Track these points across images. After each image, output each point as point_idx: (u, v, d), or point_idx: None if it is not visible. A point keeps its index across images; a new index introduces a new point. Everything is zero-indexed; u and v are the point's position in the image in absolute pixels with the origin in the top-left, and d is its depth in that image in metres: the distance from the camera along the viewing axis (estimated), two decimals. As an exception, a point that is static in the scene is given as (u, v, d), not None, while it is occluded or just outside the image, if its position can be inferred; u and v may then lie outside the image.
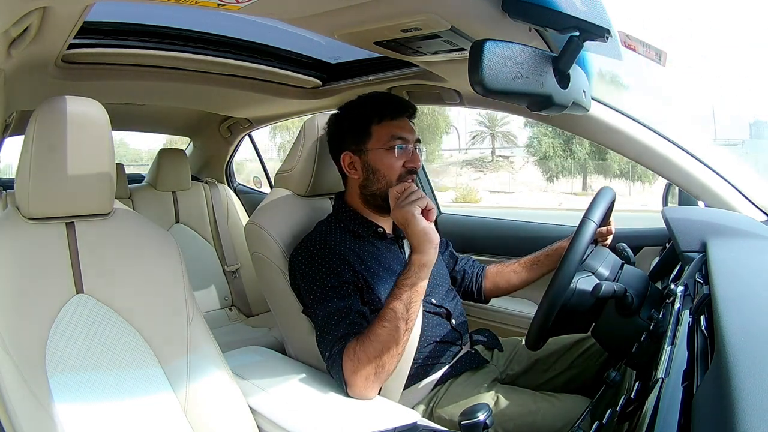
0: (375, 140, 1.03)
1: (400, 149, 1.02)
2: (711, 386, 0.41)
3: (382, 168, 1.03)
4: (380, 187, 1.03)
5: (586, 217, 0.88)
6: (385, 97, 1.10)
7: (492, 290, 1.24)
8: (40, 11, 0.76)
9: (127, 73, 1.30)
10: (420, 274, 0.88)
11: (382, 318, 0.87)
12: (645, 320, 0.80)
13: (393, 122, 1.03)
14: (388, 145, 1.02)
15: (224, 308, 2.06)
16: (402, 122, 1.04)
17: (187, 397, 0.85)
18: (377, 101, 1.07)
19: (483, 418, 0.65)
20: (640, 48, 1.00)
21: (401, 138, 1.03)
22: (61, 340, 0.79)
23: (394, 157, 1.02)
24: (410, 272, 0.88)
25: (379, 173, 1.03)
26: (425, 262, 0.88)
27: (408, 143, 1.03)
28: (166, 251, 0.93)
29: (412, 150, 1.04)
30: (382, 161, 1.03)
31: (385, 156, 1.02)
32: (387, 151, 1.02)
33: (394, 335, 0.86)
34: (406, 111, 1.06)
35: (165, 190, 2.06)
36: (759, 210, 1.05)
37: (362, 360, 0.86)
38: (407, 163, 1.03)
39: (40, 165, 0.80)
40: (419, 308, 0.90)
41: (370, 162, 1.03)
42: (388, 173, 1.03)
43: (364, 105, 1.07)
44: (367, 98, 1.09)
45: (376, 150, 1.03)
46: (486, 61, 0.63)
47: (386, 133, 1.03)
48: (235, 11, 0.79)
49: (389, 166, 1.02)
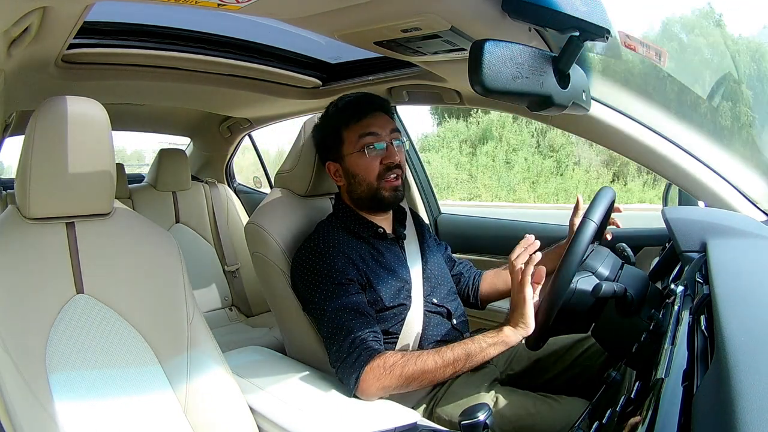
0: (347, 145, 1.03)
1: (370, 148, 1.01)
2: (711, 386, 0.41)
3: (360, 171, 1.03)
4: (363, 190, 1.04)
5: (586, 217, 0.88)
6: (350, 99, 1.07)
7: (489, 294, 1.24)
8: (40, 11, 0.76)
9: (127, 73, 1.30)
10: (497, 347, 0.88)
11: (440, 353, 0.88)
12: (645, 320, 0.80)
13: (361, 122, 1.03)
14: (359, 147, 1.02)
15: (224, 308, 2.06)
16: (370, 119, 1.03)
17: (187, 396, 0.85)
18: (342, 106, 1.06)
19: (483, 418, 0.65)
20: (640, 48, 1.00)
21: (370, 134, 1.02)
22: (62, 340, 0.79)
23: (366, 157, 1.02)
24: (494, 339, 0.88)
25: (359, 177, 1.03)
26: (511, 341, 0.88)
27: (380, 139, 1.02)
28: (166, 251, 0.93)
29: (388, 144, 1.03)
30: (358, 164, 1.03)
31: (359, 159, 1.03)
32: (360, 154, 1.02)
33: (439, 373, 0.88)
34: (371, 107, 1.05)
35: (165, 190, 2.06)
36: (759, 210, 1.05)
37: (394, 374, 0.88)
38: (384, 159, 1.02)
39: (40, 165, 0.80)
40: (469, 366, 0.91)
41: (349, 167, 1.04)
42: (366, 175, 1.03)
43: (333, 112, 1.07)
44: (334, 105, 1.08)
45: (351, 154, 1.03)
46: (486, 61, 0.63)
47: (355, 134, 1.03)
48: (235, 11, 0.79)
49: (365, 167, 1.02)
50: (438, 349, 0.89)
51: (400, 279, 1.03)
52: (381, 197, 1.04)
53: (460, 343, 0.89)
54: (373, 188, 1.03)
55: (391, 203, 1.06)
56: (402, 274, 1.04)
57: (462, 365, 0.89)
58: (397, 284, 1.02)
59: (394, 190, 1.04)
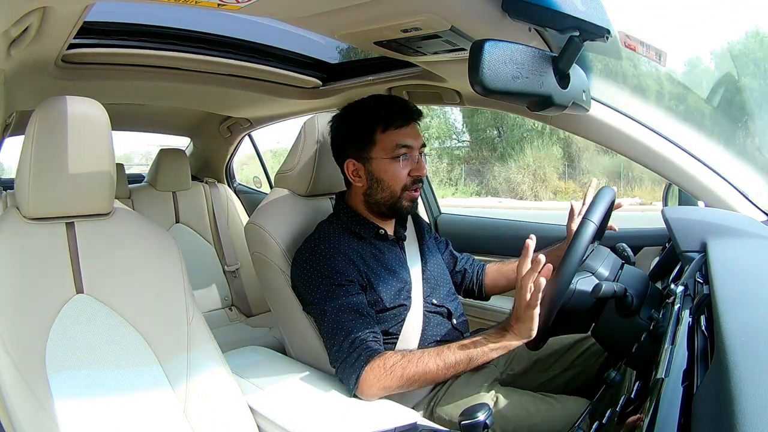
0: (379, 149, 1.01)
1: (405, 158, 1.00)
2: (711, 386, 0.41)
3: (387, 178, 1.01)
4: (384, 197, 1.03)
5: (586, 218, 0.88)
6: (391, 104, 1.05)
7: (492, 288, 1.24)
8: (40, 11, 0.76)
9: (127, 73, 1.30)
10: (499, 351, 0.88)
11: (441, 354, 0.88)
12: (645, 320, 0.80)
13: (400, 130, 1.01)
14: (393, 155, 1.00)
15: (224, 308, 2.06)
16: (407, 129, 1.02)
17: (186, 396, 0.85)
18: (383, 108, 1.03)
19: (483, 418, 0.65)
20: (640, 48, 1.00)
21: (406, 146, 1.00)
22: (61, 340, 0.79)
23: (399, 166, 1.01)
24: (496, 344, 0.88)
25: (384, 183, 1.02)
26: (513, 346, 0.88)
27: (413, 151, 1.01)
28: (166, 251, 0.93)
29: (417, 157, 1.02)
30: (386, 171, 1.01)
31: (389, 166, 1.01)
32: (392, 161, 1.00)
33: (440, 375, 0.88)
34: (411, 117, 1.03)
35: (165, 190, 2.06)
36: (759, 210, 1.05)
37: (394, 375, 0.88)
38: (412, 171, 1.02)
39: (40, 165, 0.80)
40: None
41: (374, 171, 1.02)
42: (392, 183, 1.01)
43: (368, 111, 1.03)
44: (372, 103, 1.05)
45: (381, 159, 1.01)
46: (486, 61, 0.63)
47: (391, 141, 1.00)
48: (235, 11, 0.79)
49: (394, 176, 1.01)
50: (439, 351, 0.89)
51: (400, 279, 1.03)
52: (400, 206, 1.03)
53: (462, 346, 0.89)
54: (395, 197, 1.02)
55: (407, 213, 1.06)
56: (402, 275, 1.05)
57: (463, 368, 0.89)
58: (398, 285, 1.02)
59: (412, 201, 1.04)
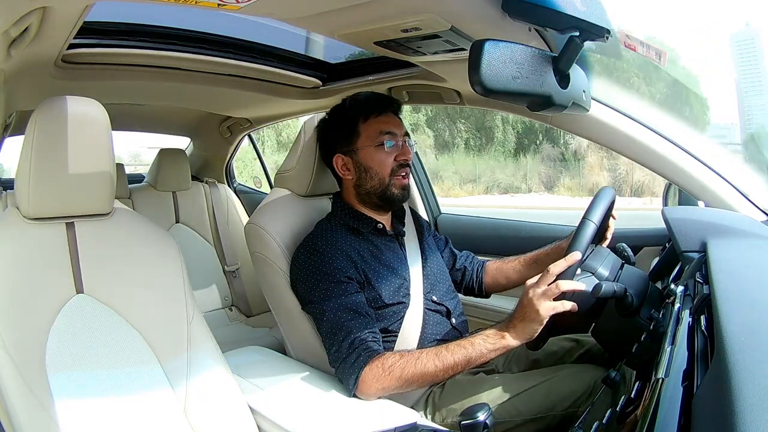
0: (364, 138, 1.05)
1: (389, 144, 1.04)
2: (711, 386, 0.41)
3: (374, 165, 1.05)
4: (374, 185, 1.05)
5: (586, 218, 0.88)
6: (369, 95, 1.11)
7: (492, 286, 1.24)
8: (40, 11, 0.76)
9: (127, 73, 1.30)
10: (498, 352, 0.87)
11: (440, 354, 0.88)
12: (645, 320, 0.80)
13: (379, 118, 1.05)
14: (377, 142, 1.04)
15: (224, 308, 2.06)
16: (388, 117, 1.06)
17: (187, 396, 0.85)
18: (361, 100, 1.09)
19: (483, 418, 0.65)
20: (640, 48, 1.00)
21: (389, 133, 1.05)
22: (61, 340, 0.79)
23: (384, 152, 1.04)
24: (495, 345, 0.87)
25: (372, 170, 1.05)
26: (512, 346, 0.87)
27: (397, 138, 1.05)
28: (166, 251, 0.93)
29: (402, 143, 1.06)
30: (372, 158, 1.04)
31: (375, 153, 1.04)
32: (377, 148, 1.04)
33: (439, 376, 0.88)
34: (390, 106, 1.08)
35: (165, 190, 2.06)
36: (759, 210, 1.05)
37: (393, 375, 0.87)
38: (398, 156, 1.05)
39: (40, 165, 0.80)
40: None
41: (362, 160, 1.05)
42: (380, 169, 1.04)
43: (349, 105, 1.09)
44: (351, 99, 1.11)
45: (366, 148, 1.05)
46: (486, 61, 0.63)
47: (374, 129, 1.05)
48: (235, 11, 0.79)
49: (380, 162, 1.04)
50: (438, 351, 0.89)
51: (399, 276, 1.04)
52: (391, 193, 1.06)
53: (461, 347, 0.88)
54: (384, 183, 1.05)
55: (398, 201, 1.08)
56: (401, 272, 1.05)
57: (462, 368, 0.89)
58: (397, 281, 1.03)
59: (402, 188, 1.07)
